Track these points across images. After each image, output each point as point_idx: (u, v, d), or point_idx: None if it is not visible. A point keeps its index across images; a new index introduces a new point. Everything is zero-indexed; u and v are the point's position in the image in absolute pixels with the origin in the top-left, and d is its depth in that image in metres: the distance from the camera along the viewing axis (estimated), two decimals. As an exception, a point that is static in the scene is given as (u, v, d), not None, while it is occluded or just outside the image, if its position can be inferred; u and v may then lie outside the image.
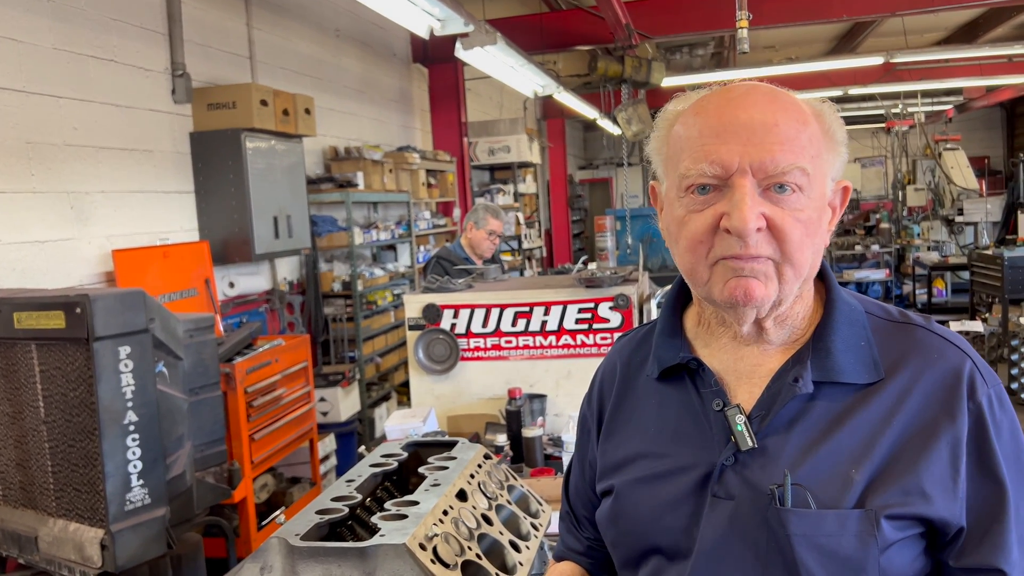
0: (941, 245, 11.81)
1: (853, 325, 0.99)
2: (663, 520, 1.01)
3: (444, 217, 8.03)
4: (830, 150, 0.98)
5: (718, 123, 0.94)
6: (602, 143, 15.75)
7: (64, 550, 2.47)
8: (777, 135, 0.92)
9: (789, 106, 0.95)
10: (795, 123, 0.94)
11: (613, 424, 1.13)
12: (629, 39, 6.92)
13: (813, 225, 0.95)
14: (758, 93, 0.96)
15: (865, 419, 0.93)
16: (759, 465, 0.95)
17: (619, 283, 2.97)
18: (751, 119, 0.93)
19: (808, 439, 0.94)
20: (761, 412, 0.97)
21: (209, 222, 4.62)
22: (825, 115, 0.98)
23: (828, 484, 0.91)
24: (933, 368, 0.95)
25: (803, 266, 0.95)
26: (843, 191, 1.03)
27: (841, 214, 1.04)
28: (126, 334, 2.45)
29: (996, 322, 7.89)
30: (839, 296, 1.02)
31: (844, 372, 0.95)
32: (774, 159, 0.92)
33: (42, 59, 3.61)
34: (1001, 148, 16.21)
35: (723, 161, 0.92)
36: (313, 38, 6.10)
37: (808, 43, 11.04)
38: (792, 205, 0.93)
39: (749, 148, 0.92)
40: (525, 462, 2.66)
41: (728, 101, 0.96)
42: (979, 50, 8.84)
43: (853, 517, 0.89)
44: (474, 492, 1.61)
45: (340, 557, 1.30)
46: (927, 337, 0.98)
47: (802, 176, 0.93)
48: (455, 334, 3.04)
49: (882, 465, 0.91)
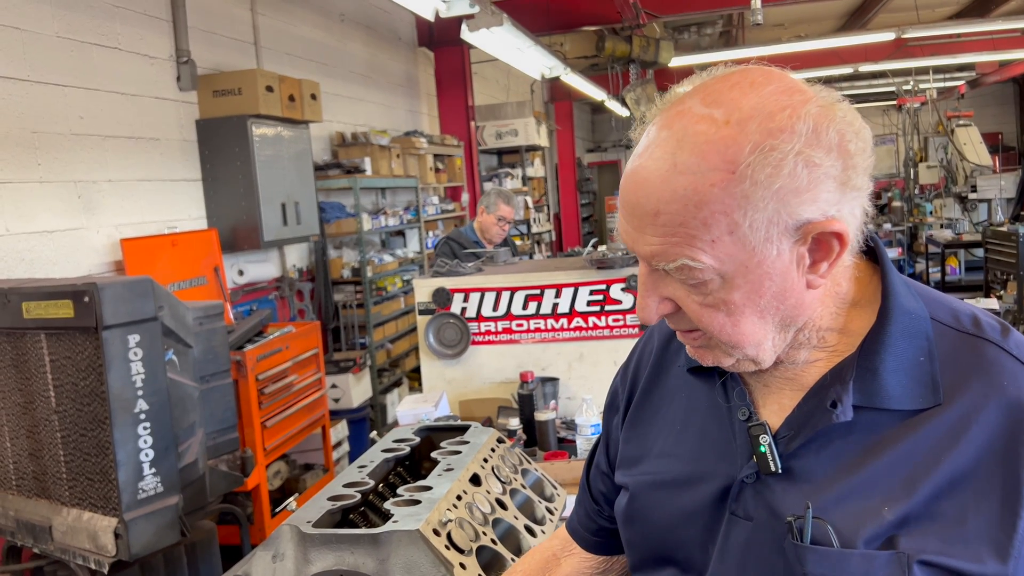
0: (954, 223, 11.69)
1: (913, 337, 0.84)
2: (678, 531, 0.94)
3: (452, 202, 7.99)
4: (764, 207, 0.77)
5: (621, 196, 0.85)
6: (610, 125, 15.62)
7: (78, 539, 2.47)
8: (658, 227, 0.79)
9: (681, 179, 0.78)
10: (683, 207, 0.78)
11: (640, 412, 1.05)
12: (637, 18, 6.84)
13: (740, 304, 0.81)
14: (662, 149, 0.80)
15: (910, 450, 0.80)
16: (782, 489, 0.85)
17: (631, 264, 2.94)
18: (635, 206, 0.81)
19: (839, 467, 0.83)
20: (790, 432, 0.86)
21: (217, 210, 4.60)
22: (753, 165, 0.76)
23: (854, 520, 0.80)
24: (999, 398, 0.80)
25: (743, 340, 0.82)
26: (818, 240, 0.80)
27: (836, 260, 0.81)
28: (135, 322, 2.43)
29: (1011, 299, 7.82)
30: (897, 303, 0.85)
31: (892, 398, 0.82)
32: (655, 255, 0.81)
33: (46, 48, 3.58)
34: (1014, 124, 16.01)
35: (624, 239, 0.86)
36: (318, 23, 6.06)
37: (818, 20, 10.91)
38: (699, 291, 0.81)
39: (635, 236, 0.83)
40: (538, 446, 2.65)
41: (629, 173, 0.83)
42: (992, 24, 8.70)
43: (882, 559, 0.77)
44: (488, 476, 1.59)
45: (353, 544, 1.28)
46: (999, 357, 0.82)
47: (692, 272, 0.80)
48: (465, 318, 3.01)
49: (922, 506, 0.79)
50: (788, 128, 0.77)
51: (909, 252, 11.57)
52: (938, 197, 12.08)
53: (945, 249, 10.56)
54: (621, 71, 7.69)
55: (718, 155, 0.77)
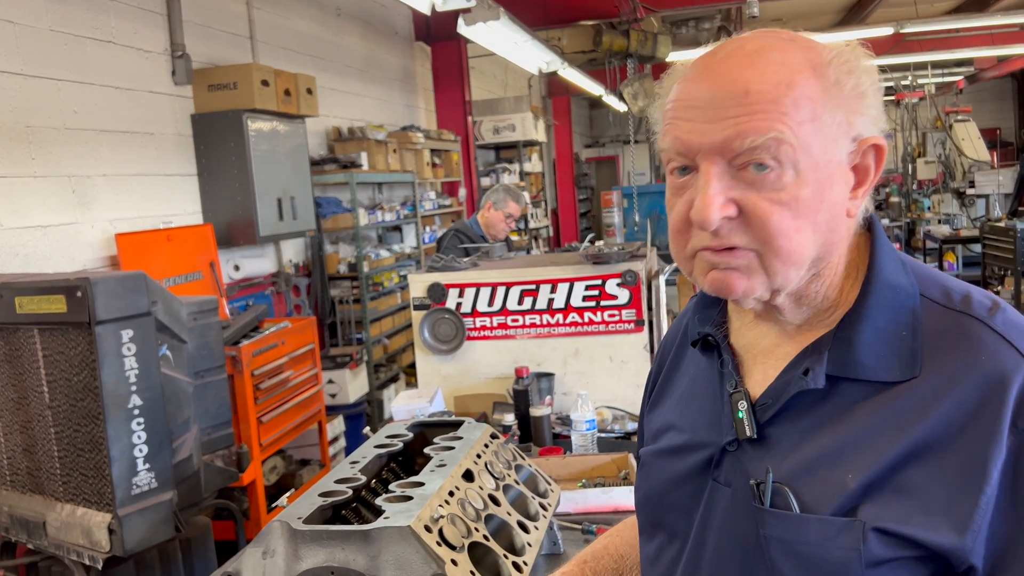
0: (952, 218, 11.69)
1: (895, 311, 0.86)
2: (669, 496, 0.99)
3: (450, 197, 7.98)
4: (839, 106, 0.84)
5: (686, 96, 0.86)
6: (608, 120, 15.61)
7: (72, 535, 2.46)
8: (746, 105, 0.81)
9: (770, 66, 0.83)
10: (773, 86, 0.81)
11: (662, 391, 1.09)
12: (634, 12, 6.83)
13: (805, 203, 0.82)
14: (740, 54, 0.85)
15: (882, 421, 0.82)
16: (757, 456, 0.88)
17: (626, 259, 2.93)
18: (717, 90, 0.83)
19: (812, 436, 0.85)
20: (768, 400, 0.89)
21: (212, 205, 4.58)
22: (831, 66, 0.84)
23: (819, 487, 0.82)
24: (976, 371, 0.80)
25: (795, 252, 0.83)
26: (874, 150, 0.87)
27: (876, 177, 0.88)
28: (128, 317, 2.42)
29: (1009, 295, 7.82)
30: (880, 277, 0.88)
31: (866, 368, 0.84)
32: (740, 134, 0.81)
33: (40, 41, 3.57)
34: (1013, 119, 16.01)
35: (684, 141, 0.84)
36: (314, 17, 6.04)
37: (816, 15, 10.89)
38: (771, 186, 0.82)
39: (713, 125, 0.82)
40: (533, 441, 2.64)
41: (703, 68, 0.86)
42: (990, 19, 8.67)
43: (837, 526, 0.80)
44: (481, 472, 1.59)
45: (343, 540, 1.28)
46: (981, 333, 0.83)
47: (781, 147, 0.81)
48: (461, 313, 3.01)
49: (885, 476, 0.80)
50: (847, 51, 0.86)
51: (907, 247, 11.56)
52: (936, 193, 12.08)
53: (943, 245, 10.56)
54: (619, 66, 7.67)
55: (802, 55, 0.84)
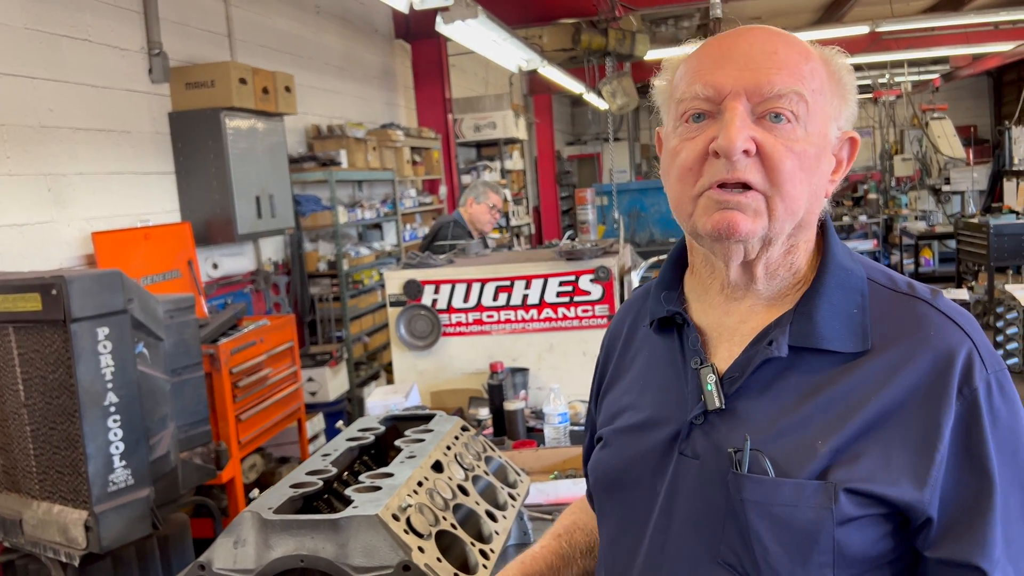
0: (928, 215, 11.84)
1: (847, 290, 0.95)
2: (632, 471, 1.02)
3: (430, 195, 7.99)
4: (835, 94, 0.96)
5: (717, 52, 0.95)
6: (589, 118, 15.67)
7: (49, 532, 2.47)
8: (775, 60, 0.91)
9: (792, 40, 0.95)
10: (796, 54, 0.93)
11: (615, 375, 1.14)
12: (612, 11, 6.87)
13: (809, 160, 0.92)
14: (762, 29, 0.96)
15: (843, 391, 0.90)
16: (727, 428, 0.93)
17: (599, 255, 2.97)
18: (750, 46, 0.93)
19: (779, 406, 0.92)
20: (735, 373, 0.95)
21: (191, 203, 4.58)
22: (833, 60, 0.97)
23: (791, 453, 0.89)
24: (926, 347, 0.90)
25: (796, 201, 0.91)
26: (850, 143, 0.99)
27: (848, 168, 1.00)
28: (104, 315, 2.44)
29: (982, 290, 7.94)
30: (834, 259, 0.97)
31: (824, 339, 0.92)
32: (770, 80, 0.90)
33: (14, 39, 3.55)
34: (988, 116, 16.20)
35: (716, 83, 0.92)
36: (292, 15, 6.03)
37: (794, 14, 10.98)
38: (786, 135, 0.91)
39: (744, 72, 0.91)
40: (507, 435, 2.67)
41: (729, 35, 0.96)
42: (965, 17, 8.78)
43: (810, 488, 0.87)
44: (450, 463, 1.62)
45: (313, 529, 1.30)
46: (928, 313, 0.93)
47: (799, 103, 0.91)
48: (436, 310, 3.03)
49: (852, 440, 0.88)
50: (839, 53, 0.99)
51: (884, 244, 11.70)
52: (913, 189, 12.22)
53: (919, 241, 10.69)
54: (597, 64, 7.71)
55: (809, 45, 0.96)
